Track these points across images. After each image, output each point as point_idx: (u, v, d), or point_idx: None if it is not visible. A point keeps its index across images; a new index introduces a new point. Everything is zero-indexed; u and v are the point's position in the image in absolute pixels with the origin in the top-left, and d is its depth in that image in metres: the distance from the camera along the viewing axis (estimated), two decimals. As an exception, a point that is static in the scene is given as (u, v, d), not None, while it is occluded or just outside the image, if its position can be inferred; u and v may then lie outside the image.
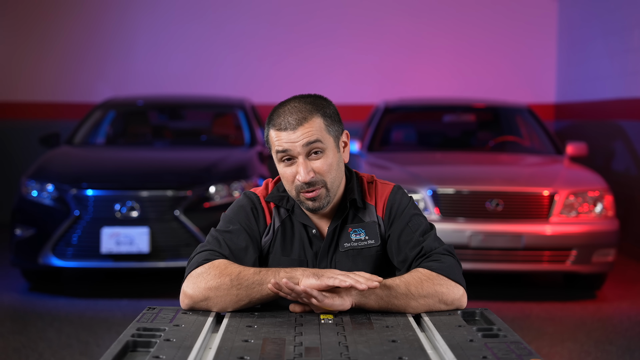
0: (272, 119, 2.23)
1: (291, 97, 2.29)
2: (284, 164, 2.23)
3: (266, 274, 2.10)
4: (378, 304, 2.10)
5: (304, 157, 2.20)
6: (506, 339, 1.88)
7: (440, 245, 2.26)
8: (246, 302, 2.11)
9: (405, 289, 2.11)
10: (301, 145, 2.19)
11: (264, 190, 2.37)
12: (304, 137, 2.18)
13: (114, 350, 1.75)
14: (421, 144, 8.03)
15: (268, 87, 10.16)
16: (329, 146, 2.23)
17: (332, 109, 2.27)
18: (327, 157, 2.22)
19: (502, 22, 10.35)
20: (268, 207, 2.34)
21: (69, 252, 6.07)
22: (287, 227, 2.33)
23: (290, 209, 2.33)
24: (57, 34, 10.16)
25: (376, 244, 2.31)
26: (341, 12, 10.29)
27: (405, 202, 2.34)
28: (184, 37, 10.27)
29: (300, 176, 2.20)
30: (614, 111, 8.69)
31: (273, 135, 2.22)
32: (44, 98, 10.19)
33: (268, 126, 2.25)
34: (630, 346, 5.04)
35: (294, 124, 2.19)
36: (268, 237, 2.32)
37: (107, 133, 7.82)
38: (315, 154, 2.21)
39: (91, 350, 4.81)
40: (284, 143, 2.19)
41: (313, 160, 2.21)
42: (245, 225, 2.30)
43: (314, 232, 2.32)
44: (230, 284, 2.10)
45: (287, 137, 2.19)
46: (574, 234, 6.10)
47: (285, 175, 2.24)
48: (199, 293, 2.12)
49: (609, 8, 8.87)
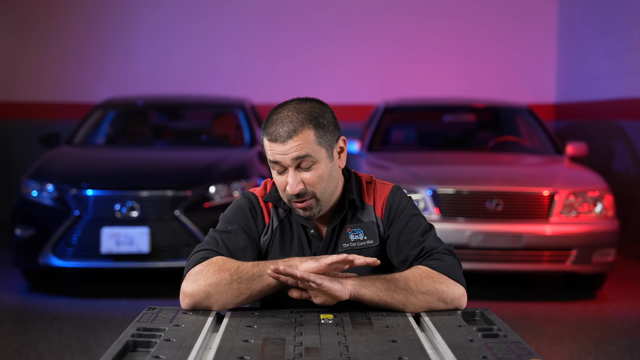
0: (267, 127, 2.21)
1: (288, 100, 2.27)
2: (276, 172, 2.24)
3: (264, 265, 2.12)
4: (377, 296, 2.10)
5: (293, 169, 2.19)
6: (506, 339, 1.88)
7: (441, 244, 2.27)
8: (247, 295, 2.11)
9: (404, 283, 2.12)
10: (290, 158, 2.18)
11: (263, 190, 2.38)
12: (293, 150, 2.17)
13: (114, 350, 1.75)
14: (421, 144, 8.03)
15: (268, 87, 10.16)
16: (320, 158, 2.21)
17: (327, 118, 2.23)
18: (318, 170, 2.21)
19: (502, 22, 10.35)
20: (266, 206, 2.34)
21: (69, 252, 6.07)
22: (286, 226, 2.33)
23: (288, 210, 2.33)
24: (57, 34, 10.16)
25: (375, 244, 2.31)
26: (341, 12, 10.29)
27: (405, 203, 2.34)
28: (183, 37, 10.27)
29: (289, 187, 2.20)
30: (614, 111, 8.69)
31: (266, 143, 2.22)
32: (44, 98, 10.20)
33: (263, 132, 2.24)
34: (630, 346, 5.04)
35: (284, 137, 2.17)
36: (267, 237, 2.33)
37: (107, 133, 7.82)
38: (306, 166, 2.20)
39: (91, 350, 4.81)
40: (275, 154, 2.19)
41: (303, 172, 2.20)
42: (244, 225, 2.30)
43: (312, 232, 2.32)
44: (230, 279, 2.10)
45: (278, 148, 2.18)
46: (574, 234, 6.10)
47: (278, 182, 2.25)
48: (199, 290, 2.12)
49: (609, 8, 8.87)
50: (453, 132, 8.36)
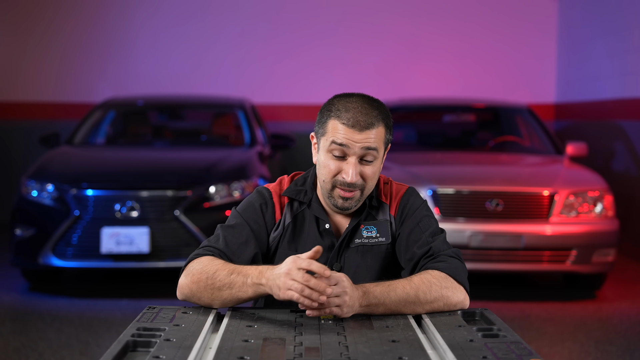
0: (339, 111, 2.22)
1: (354, 92, 2.30)
2: (331, 155, 2.24)
3: (237, 277, 2.10)
4: (386, 312, 2.12)
5: (356, 158, 2.22)
6: (506, 339, 1.88)
7: (449, 248, 2.29)
8: (220, 301, 2.13)
9: (415, 297, 2.12)
10: (360, 147, 2.21)
11: (277, 186, 2.39)
12: (366, 141, 2.20)
13: (114, 350, 1.75)
14: (421, 144, 8.03)
15: (268, 88, 10.16)
16: (380, 155, 2.27)
17: (390, 119, 2.30)
18: (375, 166, 2.26)
19: (502, 22, 10.35)
20: (280, 202, 2.35)
21: (69, 252, 6.07)
22: (299, 222, 2.35)
23: (307, 202, 2.35)
24: (57, 34, 10.15)
25: (387, 241, 2.33)
26: (341, 13, 10.29)
27: (418, 204, 2.37)
28: (184, 37, 10.27)
29: (348, 176, 2.22)
30: (614, 111, 8.68)
31: (336, 125, 2.22)
32: (44, 98, 10.19)
33: (330, 114, 2.24)
34: (630, 346, 5.04)
35: (363, 126, 2.20)
36: (277, 233, 2.34)
37: (107, 133, 7.81)
38: (367, 160, 2.23)
39: (91, 350, 4.81)
40: (345, 139, 2.20)
41: (363, 165, 2.24)
42: (251, 220, 2.31)
43: (326, 227, 2.33)
44: (205, 283, 2.13)
45: (351, 135, 2.20)
46: (574, 234, 6.10)
47: (329, 166, 2.25)
48: (185, 288, 2.17)
49: (609, 8, 8.87)
50: (453, 132, 8.36)
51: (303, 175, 2.41)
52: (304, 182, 2.38)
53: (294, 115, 9.95)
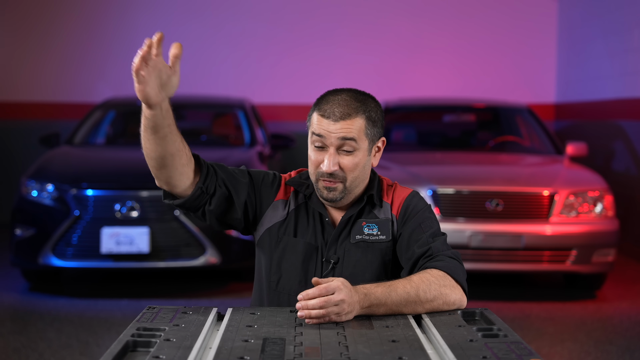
0: (320, 104, 2.31)
1: (346, 88, 2.37)
2: (314, 147, 2.31)
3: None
4: (387, 312, 2.13)
5: (334, 149, 2.28)
6: (506, 339, 1.88)
7: (448, 249, 2.31)
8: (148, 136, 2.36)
9: (415, 296, 2.13)
10: (336, 137, 2.27)
11: (287, 175, 2.48)
12: (341, 131, 2.26)
13: (114, 350, 1.75)
14: (421, 144, 8.03)
15: (268, 87, 10.16)
16: (361, 148, 2.30)
17: (378, 113, 2.34)
18: (356, 157, 2.30)
19: (502, 22, 10.35)
20: (286, 189, 2.43)
21: (69, 252, 6.07)
22: (302, 211, 2.41)
23: (308, 196, 2.40)
24: (57, 34, 10.15)
25: (387, 240, 2.36)
26: (341, 12, 10.29)
27: (421, 206, 2.40)
28: (183, 37, 10.26)
29: (324, 166, 2.28)
30: (614, 111, 8.68)
31: (315, 118, 2.31)
32: (44, 98, 10.19)
33: (314, 107, 2.33)
34: (630, 346, 5.04)
35: (337, 116, 2.27)
36: (281, 217, 2.39)
37: (107, 133, 7.81)
38: (346, 151, 2.28)
39: (91, 350, 4.81)
40: (322, 129, 2.28)
41: (342, 155, 2.29)
42: (256, 177, 2.41)
43: (327, 220, 2.38)
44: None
45: (327, 125, 2.27)
46: (574, 234, 6.10)
47: (312, 158, 2.32)
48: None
49: (609, 8, 8.87)
50: (453, 132, 8.36)
51: (308, 170, 2.46)
52: (307, 176, 2.43)
53: (294, 115, 9.95)
